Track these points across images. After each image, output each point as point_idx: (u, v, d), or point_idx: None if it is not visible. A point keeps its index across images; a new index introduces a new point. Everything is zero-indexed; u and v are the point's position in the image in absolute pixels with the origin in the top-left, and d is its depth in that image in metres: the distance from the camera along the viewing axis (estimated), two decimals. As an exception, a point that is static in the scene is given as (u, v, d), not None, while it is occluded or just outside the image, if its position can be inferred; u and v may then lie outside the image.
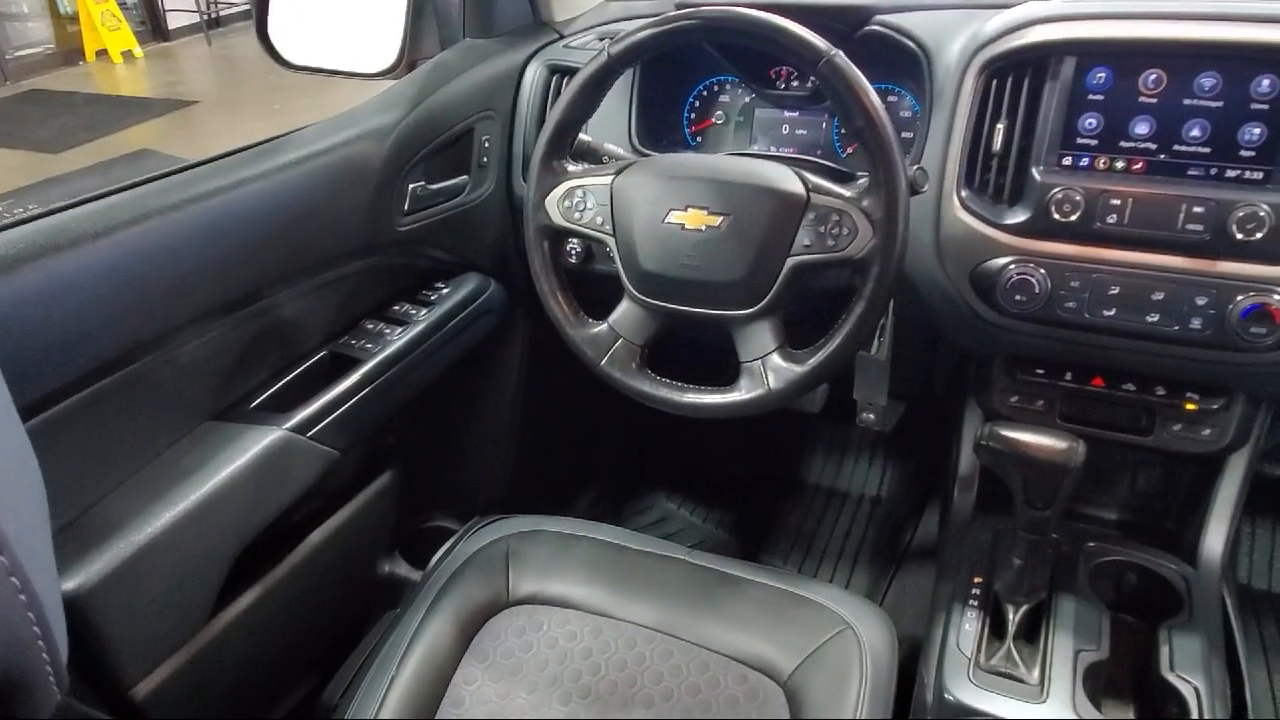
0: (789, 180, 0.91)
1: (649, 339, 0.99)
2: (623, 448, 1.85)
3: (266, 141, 1.03)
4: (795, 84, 1.23)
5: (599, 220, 0.98)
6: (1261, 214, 0.87)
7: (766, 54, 0.95)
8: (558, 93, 1.26)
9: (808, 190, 0.90)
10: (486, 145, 1.25)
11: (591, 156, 1.07)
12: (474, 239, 1.28)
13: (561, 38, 1.35)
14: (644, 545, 1.08)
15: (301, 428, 1.00)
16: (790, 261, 0.90)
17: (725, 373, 0.97)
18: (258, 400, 1.02)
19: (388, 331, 1.14)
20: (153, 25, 8.33)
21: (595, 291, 1.03)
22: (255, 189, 0.95)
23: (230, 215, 0.93)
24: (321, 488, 1.06)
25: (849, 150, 1.22)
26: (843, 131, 1.21)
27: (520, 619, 1.00)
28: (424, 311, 1.19)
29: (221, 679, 0.99)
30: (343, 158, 1.05)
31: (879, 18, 1.07)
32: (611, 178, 0.97)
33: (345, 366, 1.08)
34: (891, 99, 1.18)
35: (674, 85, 1.30)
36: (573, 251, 1.23)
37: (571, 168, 1.00)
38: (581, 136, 1.07)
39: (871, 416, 1.12)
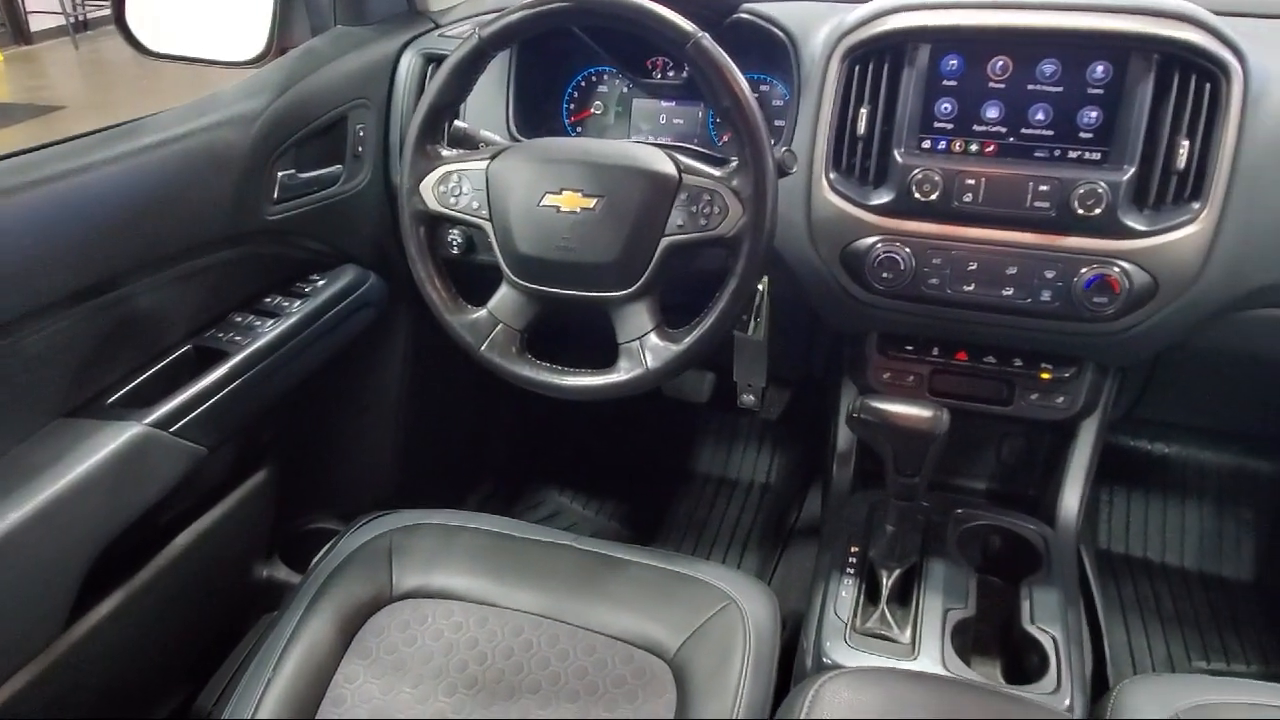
0: (661, 161, 0.92)
1: (528, 323, 0.99)
2: (514, 442, 1.84)
3: (119, 125, 0.98)
4: (671, 74, 1.25)
5: (475, 205, 0.97)
6: (1100, 191, 0.93)
7: (643, 44, 0.96)
8: None
9: (679, 171, 0.92)
10: (361, 134, 1.23)
11: (468, 143, 1.06)
12: (351, 230, 1.25)
13: (437, 26, 1.33)
14: (530, 533, 1.07)
15: (163, 423, 0.95)
16: (664, 241, 0.92)
17: (606, 355, 0.98)
18: (115, 396, 0.97)
19: (258, 324, 1.10)
20: (13, 28, 7.84)
21: (478, 282, 1.02)
22: (107, 173, 0.91)
23: (80, 199, 0.88)
24: (189, 487, 1.02)
25: (725, 139, 1.24)
26: (718, 121, 1.24)
27: (404, 614, 0.98)
28: (297, 304, 1.16)
29: (83, 689, 0.94)
30: (204, 143, 1.01)
31: (747, 5, 1.09)
32: (487, 162, 0.97)
33: (212, 360, 1.04)
34: (764, 88, 1.21)
35: (552, 75, 1.30)
36: (454, 242, 1.22)
37: (446, 153, 0.99)
38: (458, 124, 1.06)
39: (751, 398, 1.14)
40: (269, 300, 1.16)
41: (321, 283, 1.21)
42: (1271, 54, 0.92)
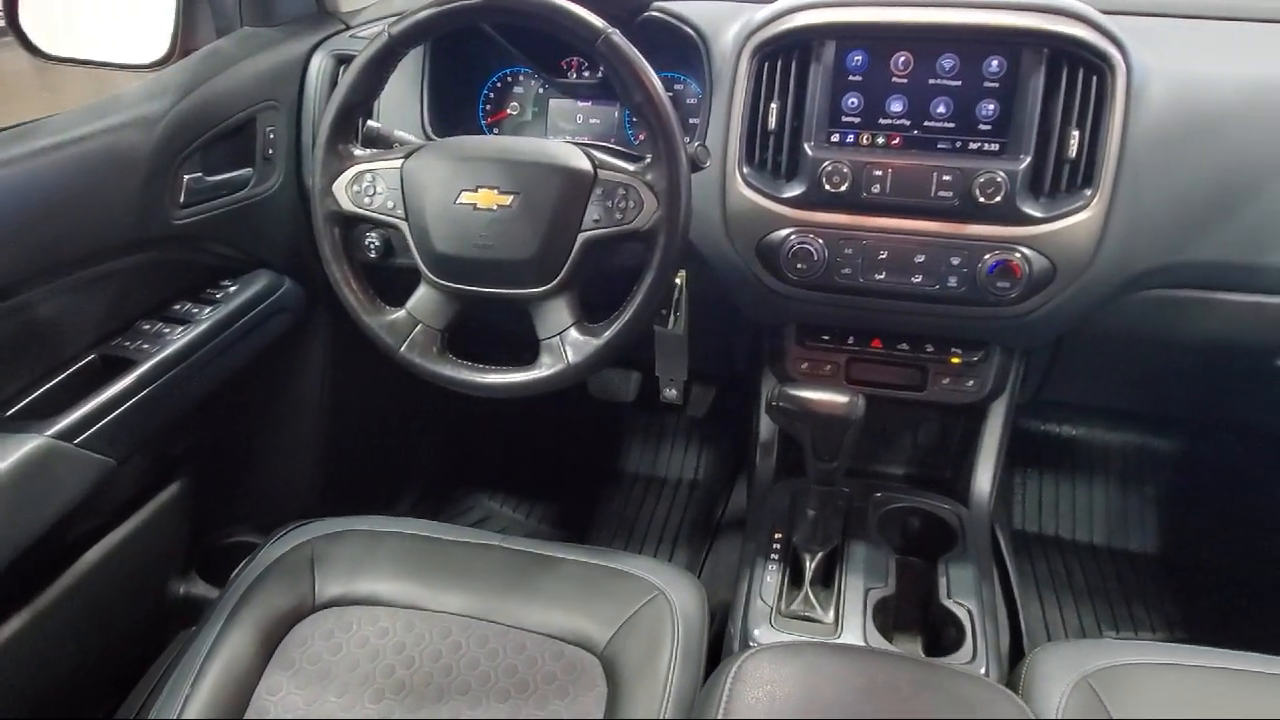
0: (576, 157, 0.93)
1: (448, 323, 0.99)
2: (442, 446, 1.82)
3: (11, 128, 0.94)
4: (587, 74, 1.26)
5: (390, 205, 0.96)
6: (999, 180, 0.97)
7: (558, 44, 0.97)
8: None
9: (594, 166, 0.93)
10: (271, 137, 1.21)
11: (382, 143, 1.05)
12: (264, 234, 1.23)
13: (348, 28, 1.31)
14: (457, 535, 1.06)
15: (67, 434, 0.92)
16: (581, 237, 0.93)
17: (529, 353, 0.98)
18: (15, 407, 0.94)
19: (167, 331, 1.07)
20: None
21: (398, 285, 1.01)
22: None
23: None
24: (98, 501, 0.98)
25: (641, 137, 1.26)
26: (634, 120, 1.25)
27: (328, 622, 0.96)
28: (208, 310, 1.13)
29: None
30: (104, 146, 0.98)
31: (657, 4, 1.11)
32: (401, 161, 0.96)
33: (119, 369, 1.00)
34: (678, 86, 1.23)
35: (467, 76, 1.30)
36: (371, 245, 1.20)
37: (359, 152, 0.98)
38: (371, 123, 1.05)
39: (673, 392, 1.15)
40: (179, 307, 1.13)
41: (234, 288, 1.19)
42: (1151, 50, 0.97)
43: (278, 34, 1.25)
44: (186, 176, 1.08)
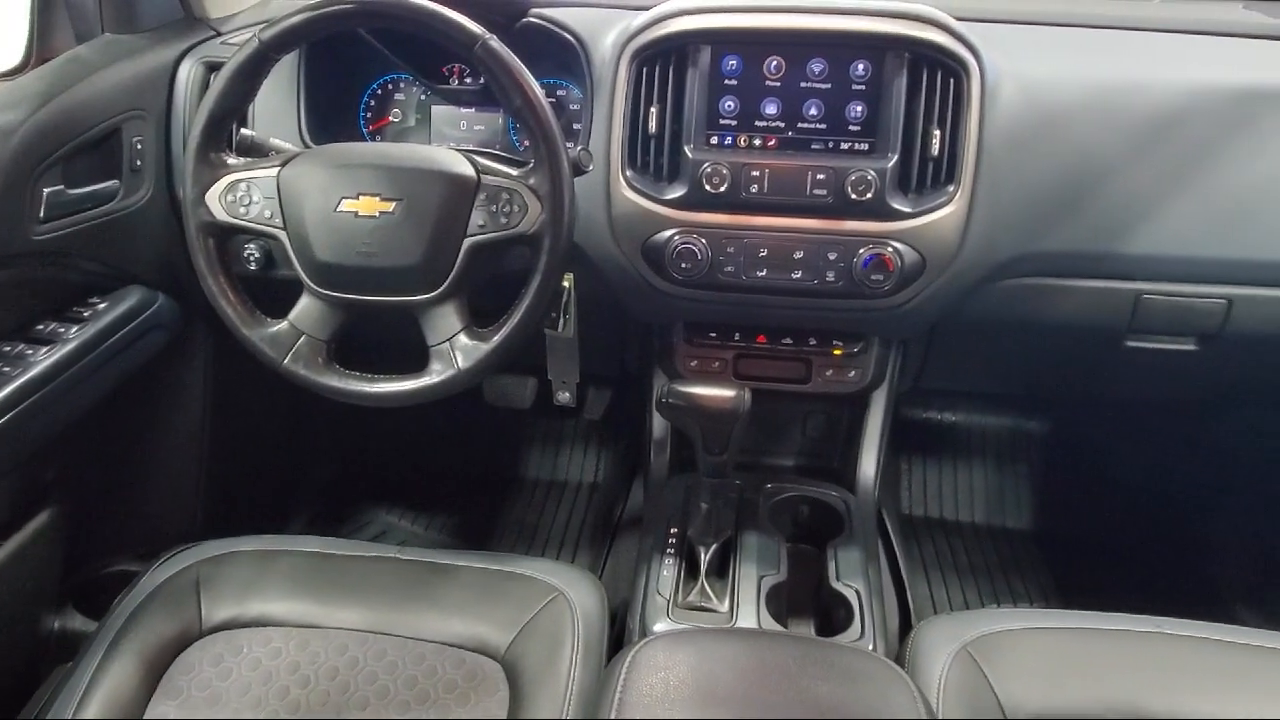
0: (459, 163, 0.93)
1: (333, 333, 0.97)
2: (337, 462, 1.78)
3: None
4: (469, 80, 1.26)
5: (267, 214, 0.95)
6: (869, 178, 1.01)
7: (439, 50, 0.97)
8: None
9: (477, 172, 0.93)
10: (139, 148, 1.16)
11: (257, 151, 1.03)
12: (134, 249, 1.18)
13: (218, 34, 1.27)
14: (351, 550, 1.05)
15: None
16: (467, 242, 0.93)
17: (419, 361, 0.97)
18: None
19: (30, 353, 1.02)
20: None
21: (281, 298, 0.99)
22: None
23: None
24: None
25: (526, 143, 1.26)
26: (519, 126, 1.26)
27: (217, 647, 0.93)
28: (75, 330, 1.07)
29: None
30: None
31: (535, 10, 1.12)
32: (277, 169, 0.94)
33: None
34: (560, 92, 1.24)
35: (347, 83, 1.28)
36: (250, 257, 1.17)
37: (233, 161, 0.96)
38: (244, 131, 1.03)
39: (567, 395, 1.16)
40: (42, 327, 1.07)
41: (103, 306, 1.13)
42: (1003, 54, 1.04)
43: (142, 41, 1.20)
44: (46, 190, 1.03)
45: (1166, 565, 1.58)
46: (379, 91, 1.29)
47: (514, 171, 0.93)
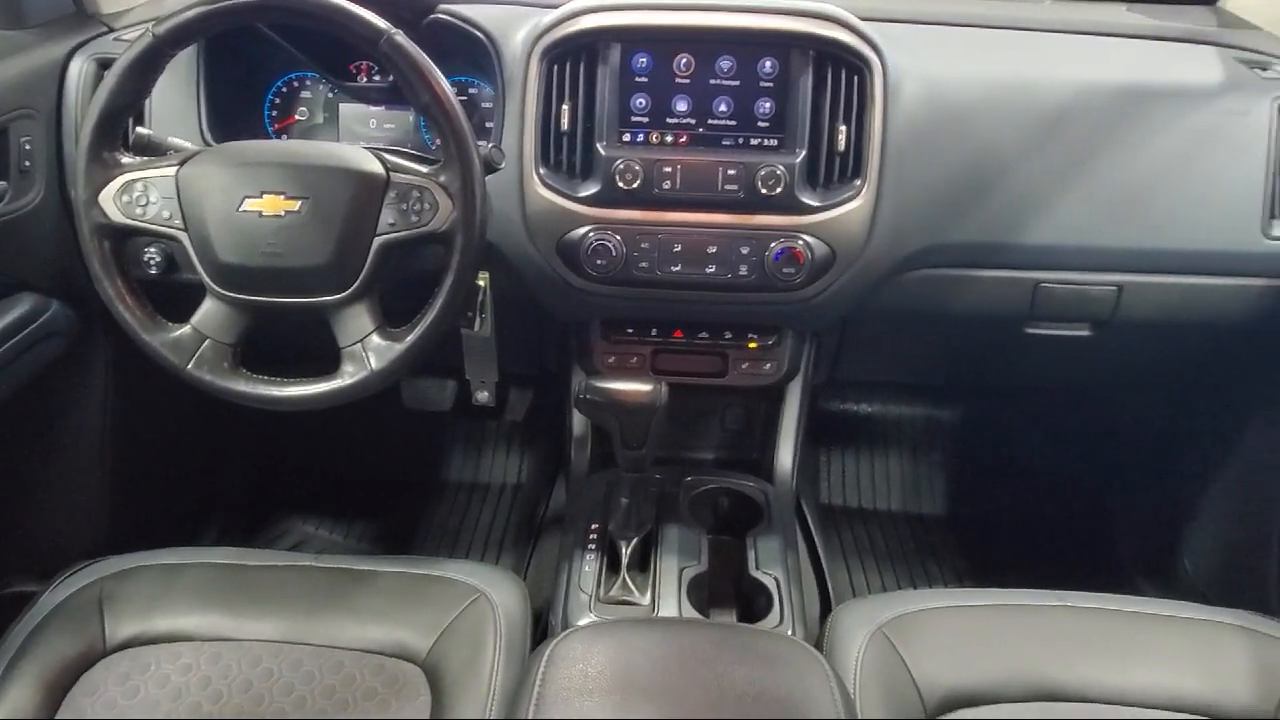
0: (367, 161, 0.92)
1: (239, 336, 0.95)
2: (250, 472, 1.72)
3: None
4: (378, 78, 1.24)
5: (166, 215, 0.92)
6: (779, 173, 1.03)
7: (345, 47, 0.96)
8: None
9: (387, 169, 0.92)
10: (28, 148, 1.11)
11: (154, 150, 0.99)
12: (24, 254, 1.13)
13: (111, 30, 1.23)
14: (264, 560, 1.02)
15: None
16: (377, 241, 0.92)
17: (331, 363, 0.95)
18: None
19: None
20: None
21: (184, 300, 0.96)
22: None
23: None
24: None
25: (439, 142, 1.25)
26: (428, 123, 1.24)
27: (122, 666, 0.90)
28: None
29: None
30: None
31: (444, 6, 1.11)
32: (176, 168, 0.92)
33: None
34: (471, 90, 1.23)
35: (250, 80, 1.24)
36: (151, 261, 1.13)
37: (128, 160, 0.93)
38: (141, 130, 1.00)
39: (485, 394, 1.16)
40: None
41: (-10, 314, 1.08)
42: (904, 53, 1.07)
43: (29, 37, 1.15)
44: None
45: (1072, 543, 1.65)
46: (284, 89, 1.26)
47: (424, 169, 0.92)
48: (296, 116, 1.26)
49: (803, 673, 0.72)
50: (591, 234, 1.06)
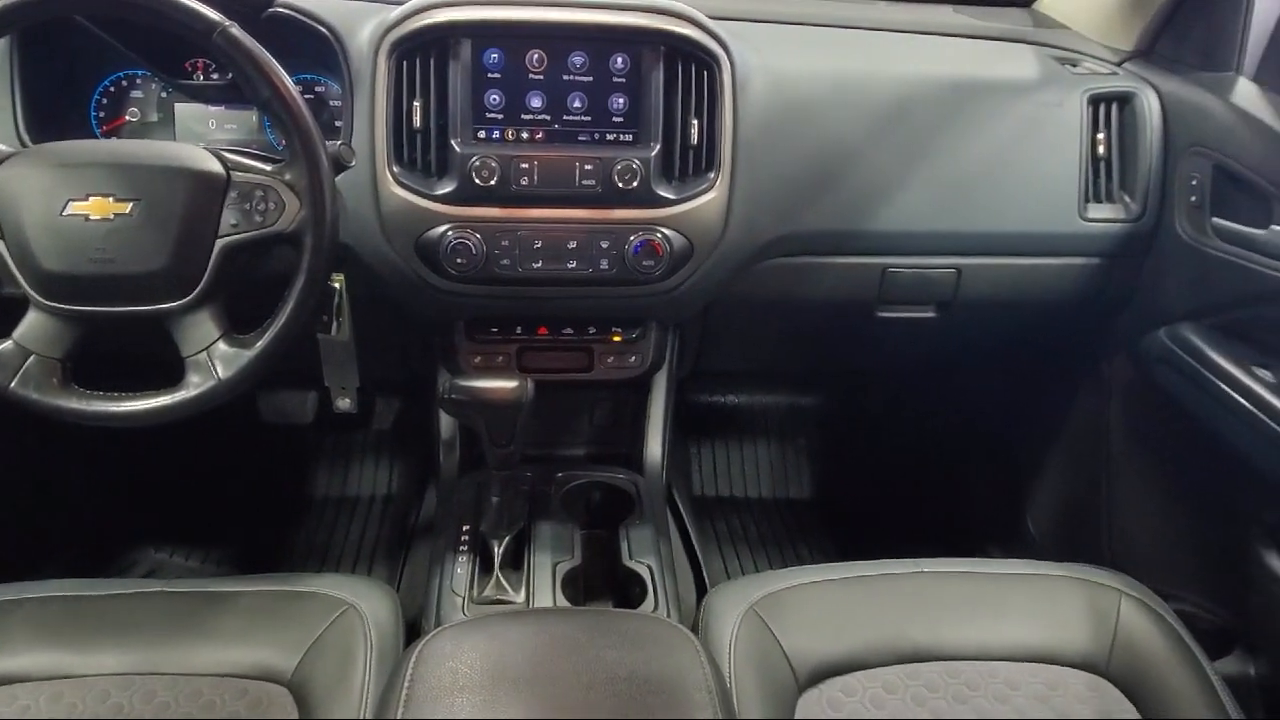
0: (204, 159, 0.88)
1: (69, 350, 0.89)
2: (94, 497, 1.61)
3: None
4: (216, 76, 1.18)
5: None
6: (635, 167, 1.04)
7: (178, 42, 0.91)
8: None
9: (227, 168, 0.89)
10: None
11: None
12: None
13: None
14: (108, 590, 0.95)
15: None
16: (219, 243, 0.89)
17: (176, 375, 0.90)
18: None
19: None
20: None
21: (4, 314, 0.89)
22: None
23: None
24: None
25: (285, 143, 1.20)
26: (271, 120, 1.19)
27: None
28: None
29: None
30: None
31: (283, 0, 1.07)
32: None
33: None
34: (318, 88, 1.19)
35: (73, 79, 1.16)
36: None
37: None
38: None
39: (346, 401, 1.12)
40: None
41: None
42: (752, 49, 1.10)
43: None
44: None
45: (930, 515, 1.74)
46: (112, 88, 1.18)
47: (268, 167, 0.89)
48: (127, 117, 1.19)
49: (673, 650, 0.73)
50: (450, 233, 1.04)
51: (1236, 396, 1.04)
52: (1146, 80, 1.20)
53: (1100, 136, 1.18)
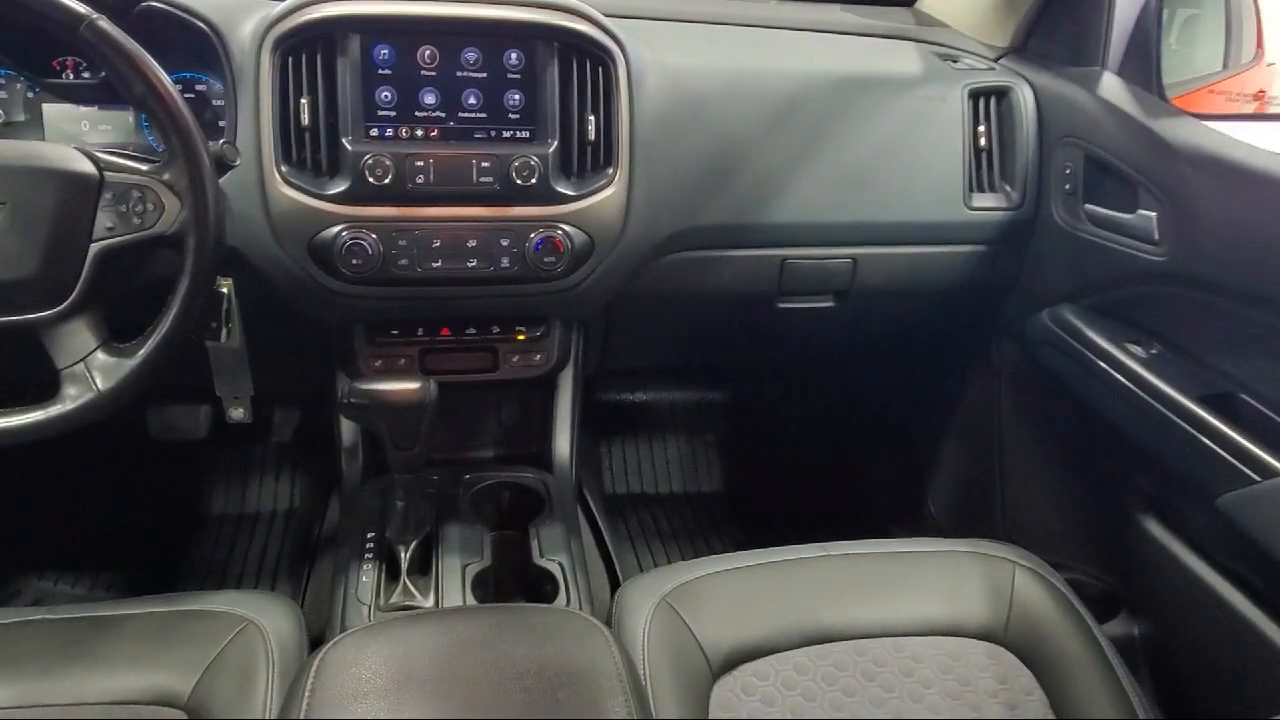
0: (74, 159, 0.84)
1: None
2: None
3: None
4: (87, 74, 1.12)
5: None
6: (532, 164, 1.04)
7: (43, 38, 0.86)
8: None
9: (100, 168, 0.84)
10: None
11: None
12: None
13: None
14: None
15: None
16: (94, 248, 0.84)
17: (50, 388, 0.85)
18: None
19: None
20: None
21: None
22: None
23: None
24: None
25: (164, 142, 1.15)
26: (147, 119, 1.14)
27: None
28: None
29: None
30: None
31: None
32: None
33: None
34: (200, 87, 1.14)
35: (-76, 78, 1.09)
36: None
37: None
38: None
39: (240, 411, 1.08)
40: None
41: None
42: (645, 47, 1.11)
43: None
44: None
45: (835, 500, 1.78)
46: None
47: (145, 167, 0.85)
48: None
49: (583, 642, 0.73)
50: (345, 233, 1.02)
51: (1112, 372, 1.10)
52: (1021, 75, 1.26)
53: (981, 129, 1.23)
